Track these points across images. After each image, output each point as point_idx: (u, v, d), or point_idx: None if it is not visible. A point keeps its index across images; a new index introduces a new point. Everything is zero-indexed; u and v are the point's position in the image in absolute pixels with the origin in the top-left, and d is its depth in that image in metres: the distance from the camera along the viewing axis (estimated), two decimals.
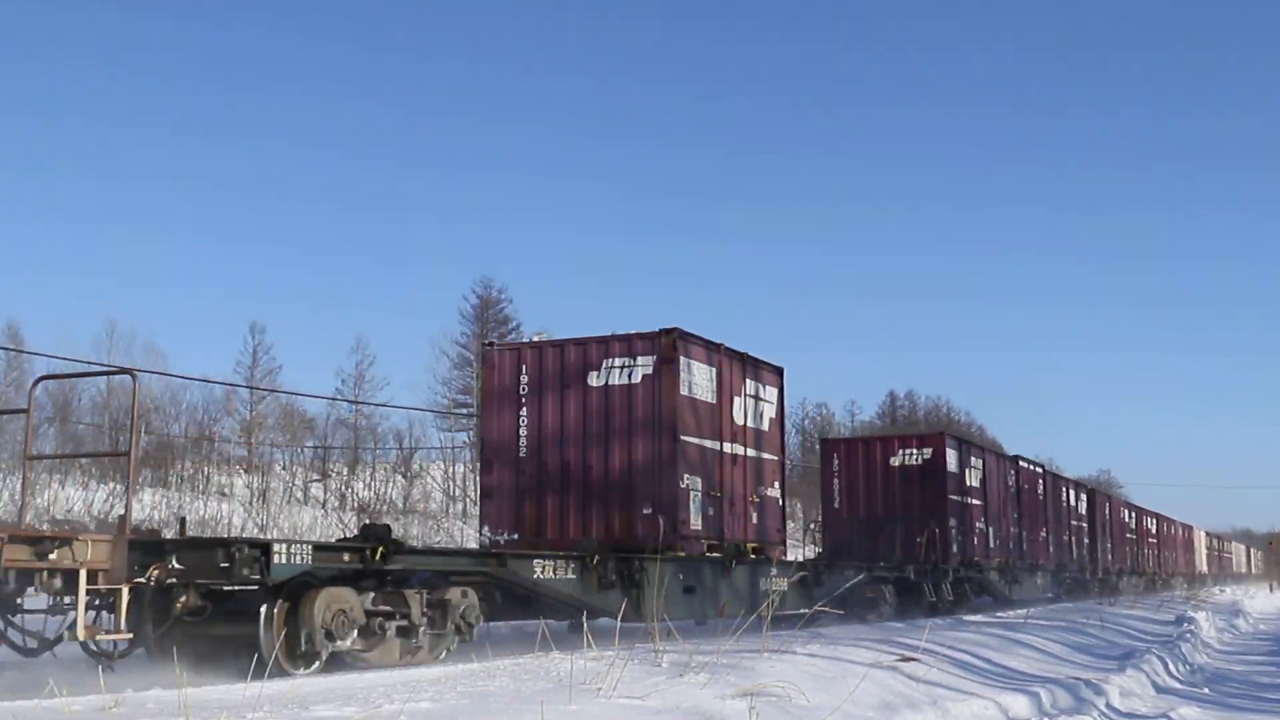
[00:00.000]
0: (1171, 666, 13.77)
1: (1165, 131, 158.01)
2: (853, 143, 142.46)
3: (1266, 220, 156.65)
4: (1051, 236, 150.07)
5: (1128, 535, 45.67)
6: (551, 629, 11.21)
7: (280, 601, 9.41)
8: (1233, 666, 15.58)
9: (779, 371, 17.86)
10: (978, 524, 25.69)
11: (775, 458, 17.44)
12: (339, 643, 9.56)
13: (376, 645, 10.00)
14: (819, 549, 25.42)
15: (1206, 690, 12.20)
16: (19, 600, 9.34)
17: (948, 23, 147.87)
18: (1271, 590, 62.97)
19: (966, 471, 25.34)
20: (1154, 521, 53.25)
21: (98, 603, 9.03)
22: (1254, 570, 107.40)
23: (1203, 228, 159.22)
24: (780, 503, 17.43)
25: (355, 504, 47.22)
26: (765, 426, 17.16)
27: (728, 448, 15.78)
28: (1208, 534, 76.21)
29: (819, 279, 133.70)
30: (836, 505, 24.68)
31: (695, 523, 14.63)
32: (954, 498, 24.33)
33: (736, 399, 16.24)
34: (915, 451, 24.36)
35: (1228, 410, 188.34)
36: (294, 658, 9.41)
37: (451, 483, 52.65)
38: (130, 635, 9.01)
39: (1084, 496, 38.49)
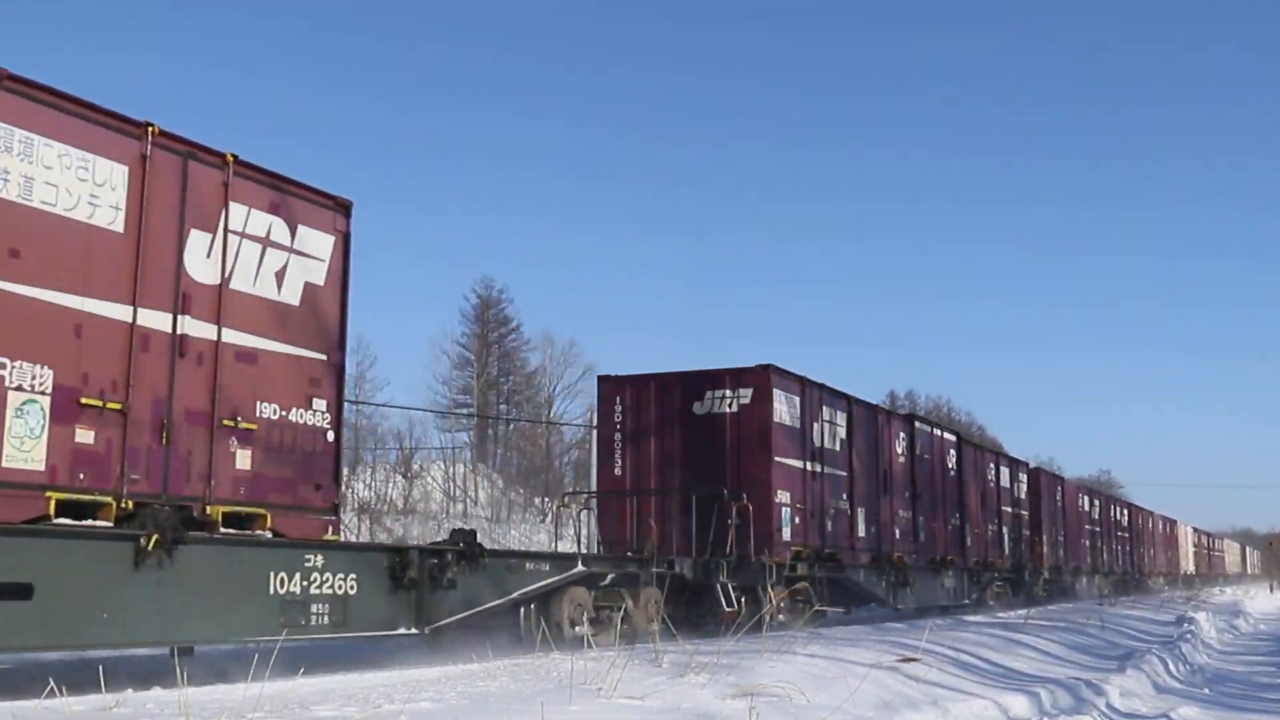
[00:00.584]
0: (1172, 666, 13.77)
1: (1164, 129, 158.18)
2: (853, 143, 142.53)
3: (1266, 220, 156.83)
4: (1051, 238, 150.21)
5: (1089, 528, 38.26)
6: None
7: None
8: (1233, 667, 15.59)
9: (339, 207, 10.75)
10: (836, 502, 18.72)
11: (316, 356, 10.31)
12: None
13: None
14: (594, 533, 17.68)
15: (1207, 690, 12.20)
16: None
17: (948, 17, 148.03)
18: (1271, 590, 62.91)
19: (815, 426, 18.21)
20: (1125, 512, 45.97)
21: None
22: (1250, 571, 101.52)
23: (1203, 228, 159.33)
24: (330, 436, 10.34)
25: (356, 504, 47.24)
26: (291, 297, 10.13)
27: (152, 320, 8.93)
28: (1195, 530, 68.32)
29: (820, 278, 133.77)
30: (618, 472, 17.52)
31: (17, 456, 7.88)
32: (787, 462, 17.11)
33: (197, 235, 9.34)
34: (729, 395, 17.12)
35: (1229, 410, 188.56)
36: None
37: (452, 483, 52.69)
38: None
39: (1023, 476, 31.06)
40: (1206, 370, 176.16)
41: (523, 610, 11.90)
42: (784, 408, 17.39)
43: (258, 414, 9.71)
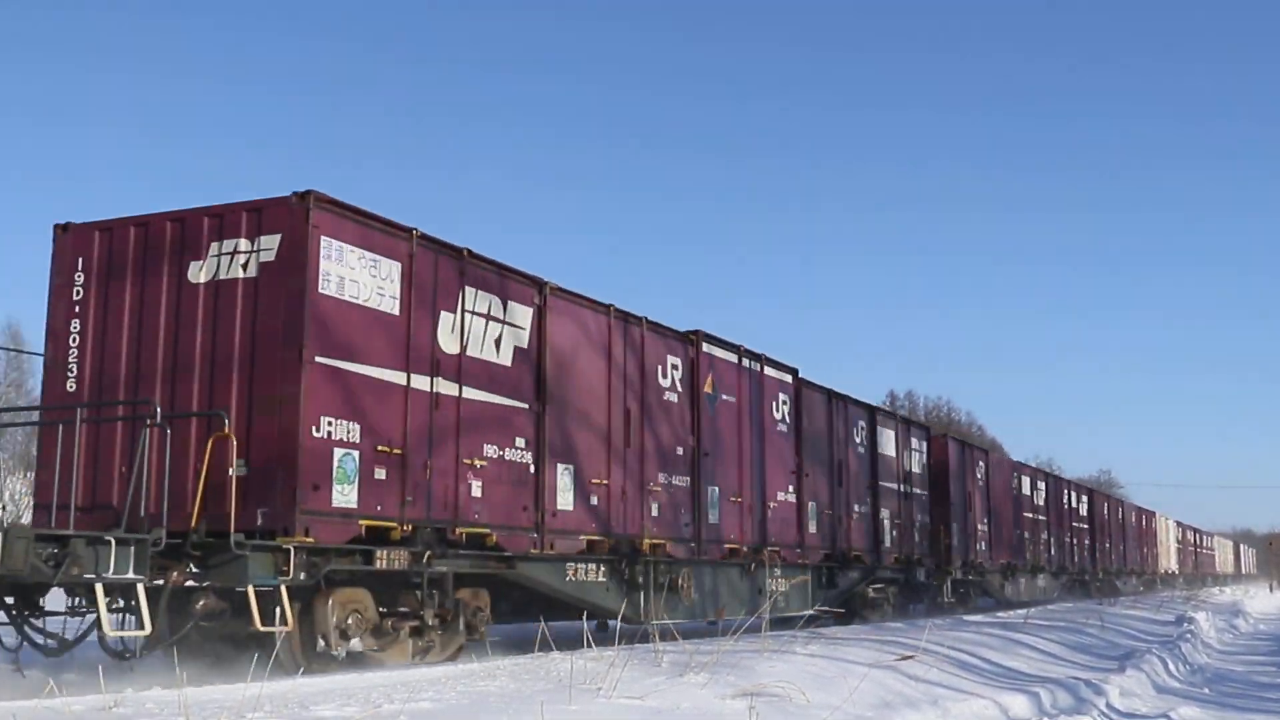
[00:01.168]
0: (1172, 666, 13.78)
1: (1163, 132, 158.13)
2: (853, 143, 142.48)
3: (1268, 219, 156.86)
4: (1052, 239, 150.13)
5: (1029, 516, 31.55)
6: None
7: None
8: (1233, 666, 15.58)
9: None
10: (500, 451, 11.82)
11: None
12: None
13: None
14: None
15: (1207, 690, 12.20)
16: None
17: (953, 25, 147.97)
18: (1271, 590, 62.86)
19: (447, 322, 11.33)
20: (1084, 500, 38.46)
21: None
22: (1246, 571, 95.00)
23: (1204, 228, 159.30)
24: None
25: None
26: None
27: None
28: (1179, 524, 59.66)
29: (820, 278, 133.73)
30: (73, 386, 10.35)
31: None
32: (358, 371, 10.20)
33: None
34: (245, 248, 9.98)
35: (1228, 410, 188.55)
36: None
37: None
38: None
39: (920, 443, 23.95)
40: (1207, 370, 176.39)
41: None
42: (354, 274, 10.23)
43: None
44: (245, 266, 9.93)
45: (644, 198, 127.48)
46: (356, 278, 10.25)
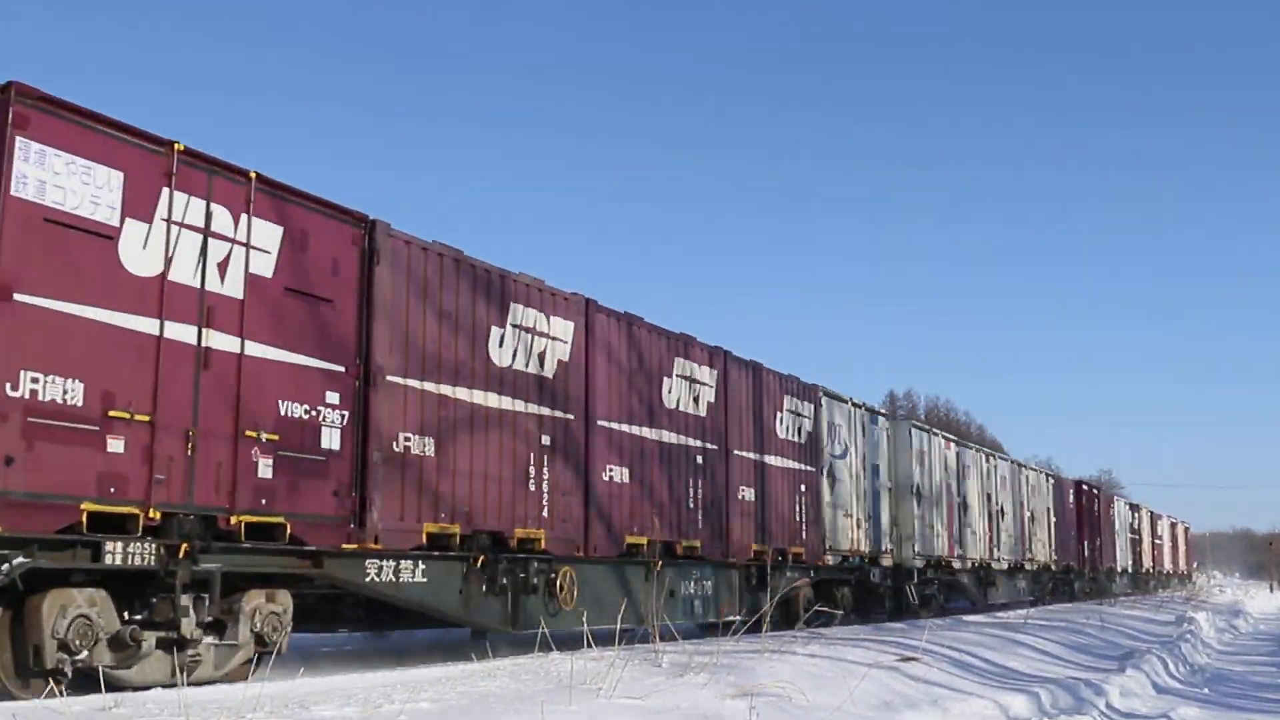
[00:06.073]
0: (1172, 666, 13.78)
1: (1164, 130, 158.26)
2: (857, 146, 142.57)
3: (1267, 222, 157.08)
4: (1051, 237, 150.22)
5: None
6: None
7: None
8: (1232, 667, 15.58)
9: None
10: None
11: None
12: None
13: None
14: None
15: (1206, 690, 12.19)
16: None
17: (955, 30, 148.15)
18: (1271, 590, 62.85)
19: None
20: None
21: None
22: (1167, 566, 55.06)
23: (1204, 226, 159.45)
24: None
25: None
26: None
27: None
28: (1046, 475, 34.16)
29: (821, 278, 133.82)
30: None
31: None
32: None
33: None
34: None
35: (1228, 410, 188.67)
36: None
37: None
38: None
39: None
40: (1207, 370, 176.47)
41: None
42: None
43: None
44: None
45: (643, 202, 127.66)
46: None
